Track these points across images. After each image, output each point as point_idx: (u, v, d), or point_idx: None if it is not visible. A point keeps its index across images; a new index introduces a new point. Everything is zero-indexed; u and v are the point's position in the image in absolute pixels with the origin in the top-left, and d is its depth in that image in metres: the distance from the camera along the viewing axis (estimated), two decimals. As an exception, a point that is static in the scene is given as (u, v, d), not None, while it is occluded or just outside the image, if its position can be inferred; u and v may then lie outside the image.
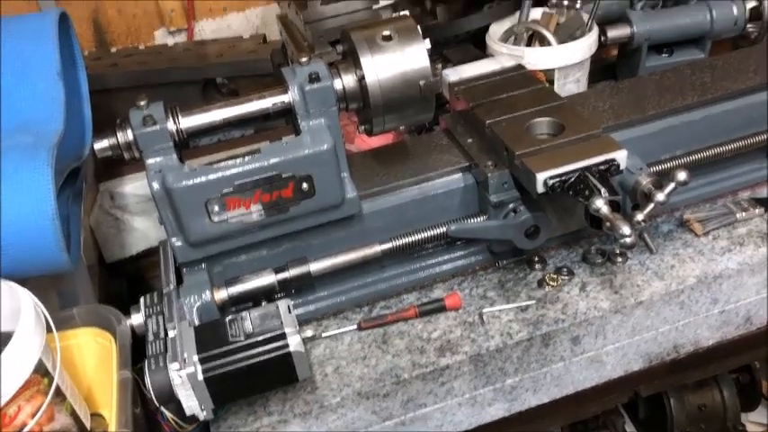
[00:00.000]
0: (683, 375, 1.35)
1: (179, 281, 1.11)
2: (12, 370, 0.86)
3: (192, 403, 0.97)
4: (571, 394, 1.22)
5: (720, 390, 1.65)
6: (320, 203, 1.07)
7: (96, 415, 1.07)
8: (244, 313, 1.02)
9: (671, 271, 1.19)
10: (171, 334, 1.01)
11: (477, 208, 1.19)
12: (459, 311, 1.18)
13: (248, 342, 0.98)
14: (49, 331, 0.94)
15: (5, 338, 0.88)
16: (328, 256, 1.14)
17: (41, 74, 1.14)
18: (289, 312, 1.02)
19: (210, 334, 1.00)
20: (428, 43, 1.06)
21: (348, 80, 1.06)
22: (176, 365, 0.95)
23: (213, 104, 1.06)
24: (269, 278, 1.12)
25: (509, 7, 1.64)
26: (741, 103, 1.28)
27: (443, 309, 1.18)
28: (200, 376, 0.95)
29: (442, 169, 1.18)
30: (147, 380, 0.96)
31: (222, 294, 1.10)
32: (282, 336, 0.98)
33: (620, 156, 1.05)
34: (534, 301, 1.17)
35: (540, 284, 1.20)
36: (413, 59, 1.04)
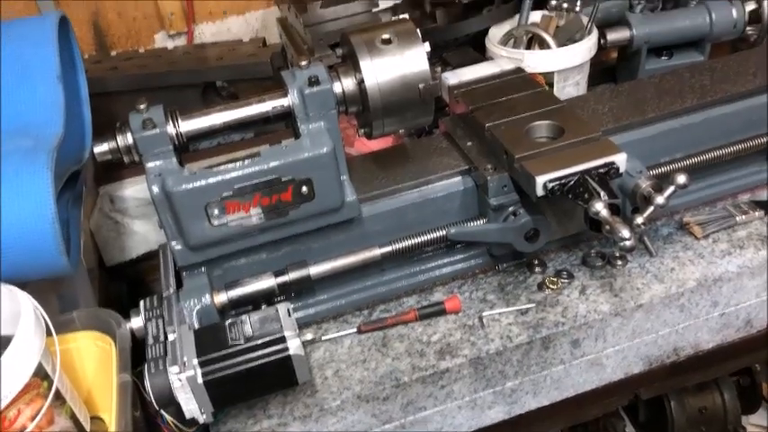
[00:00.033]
0: (684, 378, 1.35)
1: (179, 284, 1.11)
2: (11, 373, 0.86)
3: (192, 406, 0.97)
4: (571, 397, 1.22)
5: (721, 392, 1.64)
6: (320, 207, 1.07)
7: (96, 418, 1.06)
8: (243, 317, 1.02)
9: (671, 274, 1.19)
10: (171, 337, 1.01)
11: (476, 211, 1.19)
12: (459, 315, 1.18)
13: (248, 345, 0.98)
14: (49, 335, 0.94)
15: (5, 342, 0.88)
16: (328, 260, 1.14)
17: (41, 77, 1.14)
18: (288, 316, 1.02)
19: (210, 337, 1.00)
20: (427, 46, 1.06)
21: (348, 83, 1.07)
22: (176, 369, 0.95)
23: (213, 108, 1.06)
24: (269, 281, 1.12)
25: (508, 10, 1.64)
26: (741, 106, 1.28)
27: (443, 312, 1.18)
28: (199, 379, 0.95)
29: (442, 172, 1.18)
30: (147, 383, 0.96)
31: (222, 298, 1.10)
32: (282, 339, 0.98)
33: (619, 159, 1.05)
34: (534, 305, 1.17)
35: (540, 287, 1.20)
36: (412, 63, 1.05)
